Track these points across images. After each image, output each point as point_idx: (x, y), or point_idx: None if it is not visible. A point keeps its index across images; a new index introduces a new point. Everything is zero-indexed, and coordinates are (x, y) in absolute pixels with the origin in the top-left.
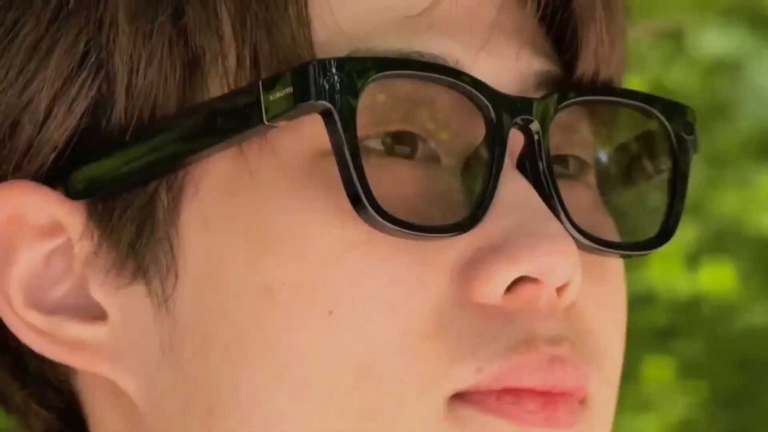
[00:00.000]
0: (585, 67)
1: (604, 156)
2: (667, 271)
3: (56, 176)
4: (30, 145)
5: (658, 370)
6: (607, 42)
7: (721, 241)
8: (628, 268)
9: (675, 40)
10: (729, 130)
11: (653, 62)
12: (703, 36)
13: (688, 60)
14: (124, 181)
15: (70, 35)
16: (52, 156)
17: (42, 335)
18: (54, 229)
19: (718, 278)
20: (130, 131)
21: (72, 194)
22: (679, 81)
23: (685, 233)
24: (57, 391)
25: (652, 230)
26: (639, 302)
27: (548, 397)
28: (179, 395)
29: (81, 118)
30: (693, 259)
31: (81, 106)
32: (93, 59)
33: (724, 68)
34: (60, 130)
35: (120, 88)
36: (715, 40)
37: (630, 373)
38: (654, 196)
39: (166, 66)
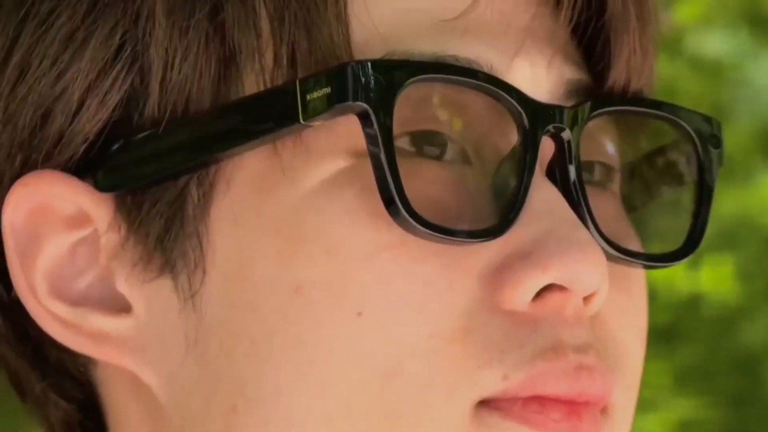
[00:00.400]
0: (617, 76)
1: (629, 165)
2: (668, 270)
3: (86, 167)
4: (61, 136)
5: (658, 371)
6: (639, 52)
7: (723, 241)
8: None
9: (676, 40)
10: (730, 130)
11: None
12: (703, 37)
13: (689, 60)
14: (155, 175)
15: (106, 27)
16: (83, 147)
17: (66, 326)
18: (81, 220)
19: (718, 278)
20: (162, 125)
21: (101, 186)
22: (680, 81)
23: None
24: (77, 383)
25: (676, 242)
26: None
27: (572, 406)
28: (202, 391)
29: (114, 110)
30: (694, 259)
31: (114, 98)
32: (128, 52)
33: (725, 68)
34: (92, 121)
35: (154, 82)
36: (716, 42)
37: None
38: (678, 208)
39: (201, 61)
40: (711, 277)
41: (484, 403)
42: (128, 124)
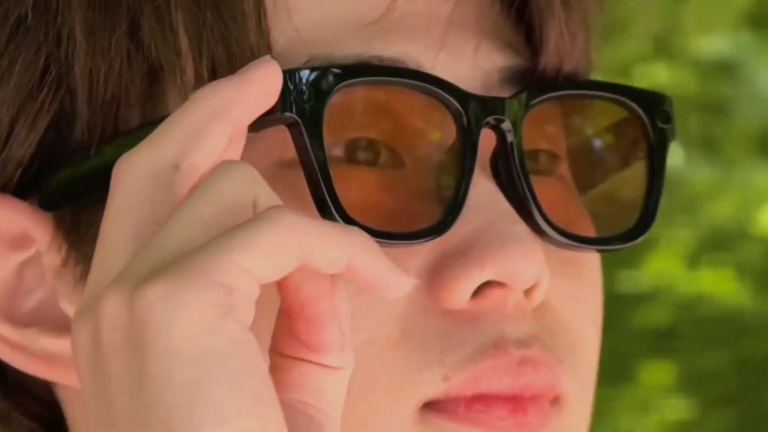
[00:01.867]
0: (547, 60)
1: (578, 148)
2: (669, 270)
3: (26, 188)
4: None
5: (658, 371)
6: (567, 35)
7: (722, 241)
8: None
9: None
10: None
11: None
12: (704, 38)
13: (690, 60)
14: (90, 194)
15: (29, 51)
16: (19, 171)
17: (14, 348)
18: (25, 240)
19: (718, 278)
20: (94, 145)
21: (42, 206)
22: (679, 81)
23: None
24: (39, 401)
25: (630, 221)
26: (640, 302)
27: (517, 402)
28: None
29: (45, 133)
30: (693, 259)
31: (44, 121)
32: (53, 74)
33: (724, 68)
34: (23, 147)
35: (82, 102)
36: (717, 43)
37: (630, 374)
38: (631, 187)
39: (126, 79)
40: (712, 278)
41: (429, 406)
42: (62, 144)
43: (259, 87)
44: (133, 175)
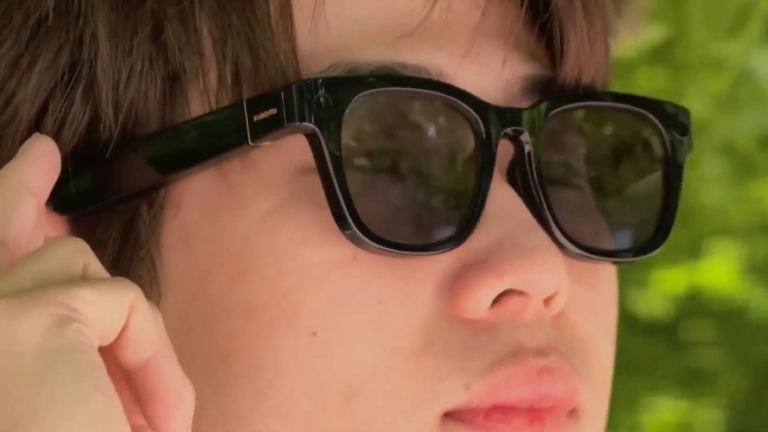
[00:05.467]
0: (568, 71)
1: (596, 158)
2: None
3: None
4: None
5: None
6: (588, 46)
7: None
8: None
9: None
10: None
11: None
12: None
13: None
14: (106, 197)
15: (50, 51)
16: None
17: None
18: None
19: (724, 273)
20: (111, 147)
21: (57, 208)
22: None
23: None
24: None
25: (647, 233)
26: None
27: (535, 412)
28: None
29: (66, 134)
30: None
31: (65, 121)
32: (76, 75)
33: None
34: None
35: (105, 103)
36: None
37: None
38: (648, 198)
39: (146, 82)
40: (716, 273)
41: (449, 415)
42: (81, 146)
43: (47, 160)
44: None
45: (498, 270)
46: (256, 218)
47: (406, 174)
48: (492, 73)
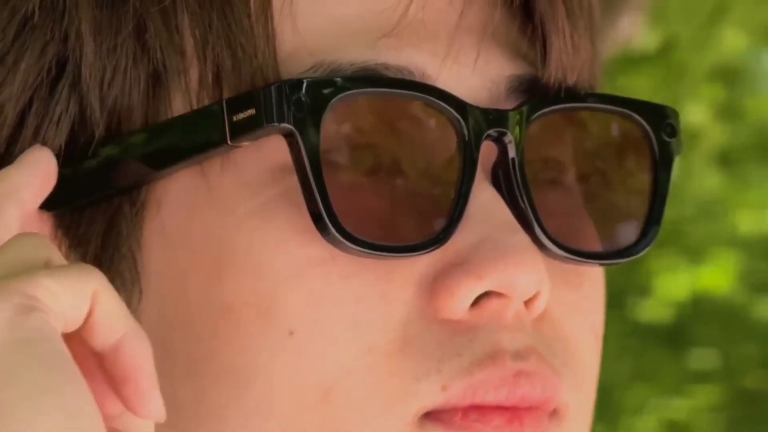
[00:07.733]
0: (552, 72)
1: (583, 160)
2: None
3: None
4: None
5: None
6: (571, 48)
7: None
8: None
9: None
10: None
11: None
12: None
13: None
14: (89, 194)
15: (36, 48)
16: None
17: None
18: None
19: (722, 276)
20: (95, 144)
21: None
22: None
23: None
24: None
25: (633, 235)
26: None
27: (514, 411)
28: None
29: (51, 131)
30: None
31: (51, 117)
32: (61, 72)
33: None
34: (29, 145)
35: (90, 100)
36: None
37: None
38: (636, 200)
39: (130, 80)
40: (714, 276)
41: (427, 416)
42: (65, 143)
43: (41, 171)
44: None
45: (477, 272)
46: (235, 218)
47: (387, 175)
48: (475, 72)
